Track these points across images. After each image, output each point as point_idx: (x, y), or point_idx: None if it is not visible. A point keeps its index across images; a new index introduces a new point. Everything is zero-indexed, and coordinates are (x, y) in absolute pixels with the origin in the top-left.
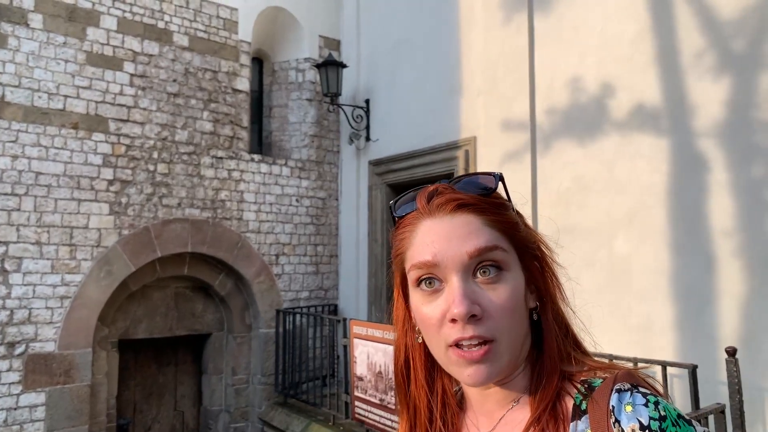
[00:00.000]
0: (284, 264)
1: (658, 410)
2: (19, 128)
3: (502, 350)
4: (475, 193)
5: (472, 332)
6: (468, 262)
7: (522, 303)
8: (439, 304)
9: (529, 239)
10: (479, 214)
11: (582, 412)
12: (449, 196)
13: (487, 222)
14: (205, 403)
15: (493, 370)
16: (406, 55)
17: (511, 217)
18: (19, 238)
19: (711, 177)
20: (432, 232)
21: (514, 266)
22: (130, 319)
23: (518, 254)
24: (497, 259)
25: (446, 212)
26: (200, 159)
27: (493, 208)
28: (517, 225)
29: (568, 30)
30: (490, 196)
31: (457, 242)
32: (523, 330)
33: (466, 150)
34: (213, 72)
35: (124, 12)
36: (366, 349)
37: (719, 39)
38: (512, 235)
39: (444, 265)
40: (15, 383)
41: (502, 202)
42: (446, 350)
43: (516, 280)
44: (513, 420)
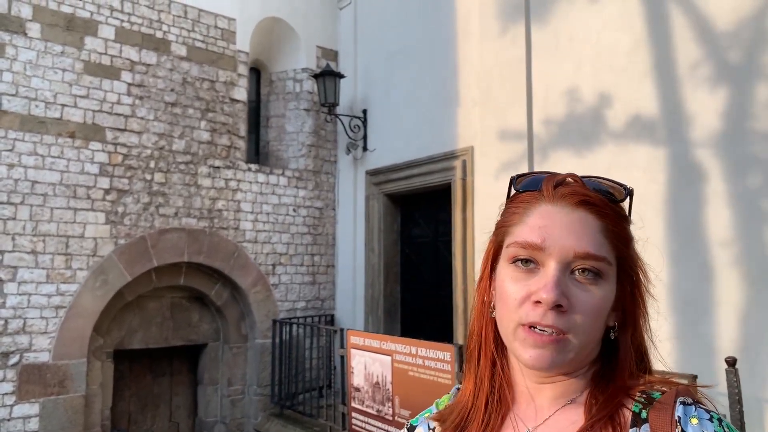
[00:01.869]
0: (281, 274)
1: (722, 426)
2: (15, 137)
3: (571, 347)
4: (602, 195)
5: (552, 321)
6: (572, 259)
7: (605, 313)
8: (529, 284)
9: (633, 261)
10: (600, 218)
11: (642, 421)
12: (577, 189)
13: (602, 229)
14: (201, 414)
15: (557, 360)
16: (403, 65)
17: (626, 231)
18: (14, 247)
19: (708, 187)
20: (548, 218)
21: (611, 279)
22: (125, 329)
23: (618, 269)
24: (599, 268)
25: (569, 204)
26: (197, 168)
27: (614, 216)
28: (629, 243)
29: (564, 41)
30: (616, 204)
31: (570, 236)
32: (596, 338)
33: (463, 160)
34: (211, 82)
35: (122, 21)
36: (363, 359)
37: (715, 50)
38: (621, 250)
39: (548, 252)
40: (8, 394)
41: (623, 214)
42: (516, 328)
43: (609, 291)
44: (565, 419)
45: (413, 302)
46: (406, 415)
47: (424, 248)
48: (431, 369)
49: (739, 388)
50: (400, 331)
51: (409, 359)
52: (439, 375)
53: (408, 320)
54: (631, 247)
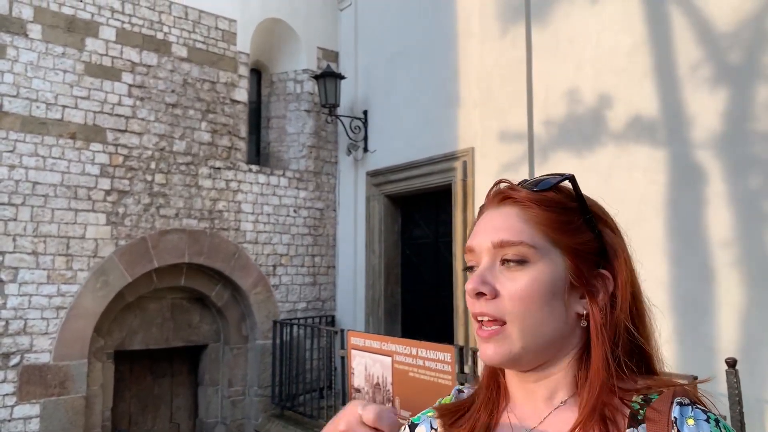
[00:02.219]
0: (281, 275)
1: (719, 427)
2: (16, 138)
3: (514, 335)
4: (530, 189)
5: (480, 308)
6: (493, 251)
7: (549, 297)
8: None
9: (583, 242)
10: (519, 208)
11: (639, 422)
12: (501, 190)
13: (524, 216)
14: (201, 415)
15: (501, 351)
16: (404, 66)
17: (557, 216)
18: (15, 248)
19: (708, 188)
20: (480, 223)
21: (545, 262)
22: (126, 330)
23: (565, 254)
24: (520, 254)
25: (495, 204)
26: (198, 169)
27: (538, 204)
28: (564, 224)
29: (564, 42)
30: (547, 194)
31: (490, 232)
32: (548, 324)
33: (464, 161)
34: (211, 83)
35: (123, 23)
36: (364, 360)
37: (715, 51)
38: (553, 234)
39: (478, 251)
40: (9, 395)
41: (555, 199)
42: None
43: (542, 275)
44: (560, 420)
45: (414, 303)
46: (406, 416)
47: (425, 249)
48: (431, 370)
49: (740, 388)
50: (400, 332)
51: (410, 360)
52: (440, 376)
53: (408, 321)
54: (568, 230)
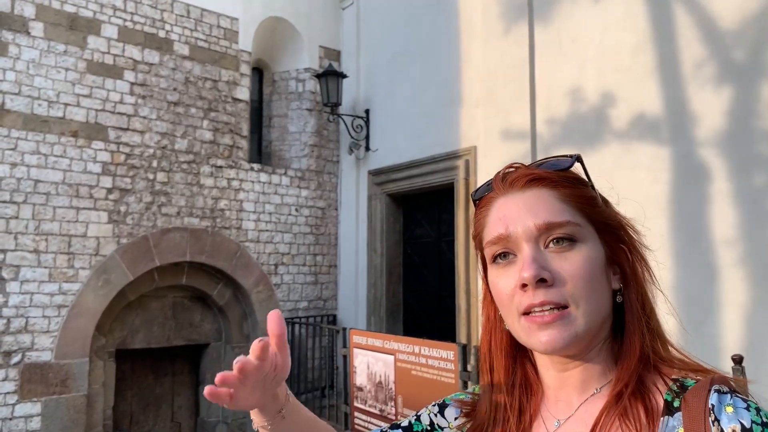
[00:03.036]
0: (283, 274)
1: (760, 416)
2: (18, 136)
3: (578, 317)
4: (548, 169)
5: (543, 297)
6: (536, 234)
7: (600, 275)
8: (512, 274)
9: (609, 217)
10: (552, 188)
11: (674, 409)
12: (522, 172)
13: (559, 196)
14: (203, 414)
15: (568, 335)
16: (406, 65)
17: (586, 191)
18: (17, 246)
19: (712, 186)
20: (505, 207)
21: (590, 240)
22: (127, 328)
23: (597, 230)
24: (568, 233)
25: (518, 187)
26: (200, 168)
27: (567, 182)
28: (593, 200)
29: (567, 41)
30: (565, 172)
31: (528, 214)
32: (603, 303)
33: (466, 160)
34: (213, 81)
35: (125, 21)
36: (366, 359)
37: (719, 49)
38: (588, 210)
39: (515, 237)
40: (10, 393)
41: (577, 177)
42: (519, 320)
43: (592, 251)
44: (594, 408)
45: (415, 303)
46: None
47: (427, 249)
48: (434, 368)
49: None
50: (402, 331)
51: (412, 358)
52: (443, 374)
53: (410, 321)
54: (597, 203)
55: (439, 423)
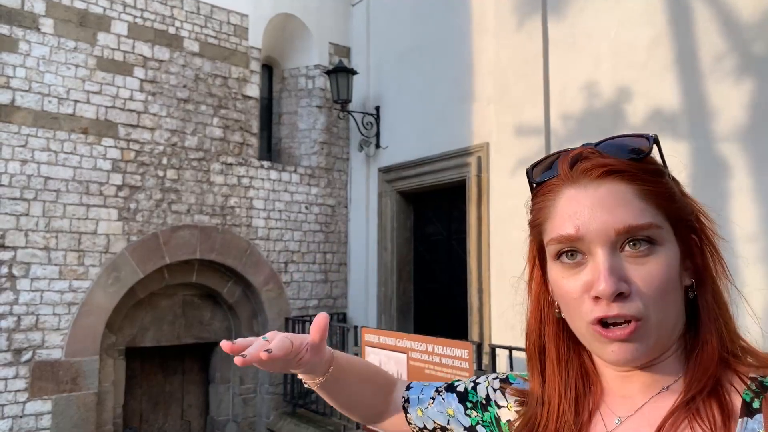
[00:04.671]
0: (293, 272)
1: None
2: (28, 133)
3: (650, 330)
4: (625, 158)
5: (618, 311)
6: (615, 238)
7: (676, 280)
8: (582, 277)
9: (685, 210)
10: (630, 183)
11: (754, 411)
12: (596, 161)
13: (638, 193)
14: (212, 412)
15: (640, 349)
16: (417, 61)
17: (666, 185)
18: (27, 243)
19: (733, 182)
20: (575, 202)
21: (668, 240)
22: (137, 326)
23: (672, 226)
24: (649, 236)
25: (592, 179)
26: (210, 165)
27: (647, 176)
28: (673, 195)
29: (582, 36)
30: (643, 161)
31: (605, 215)
32: (675, 309)
33: (478, 156)
34: (223, 78)
35: (135, 17)
36: (378, 357)
37: (739, 42)
38: (668, 207)
39: (589, 239)
40: (21, 390)
41: (657, 167)
42: (587, 327)
43: (670, 256)
44: (660, 407)
45: (426, 301)
46: None
47: (438, 246)
48: (448, 367)
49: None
50: (413, 329)
51: (426, 357)
52: (457, 373)
53: (421, 319)
54: (676, 198)
55: (497, 400)
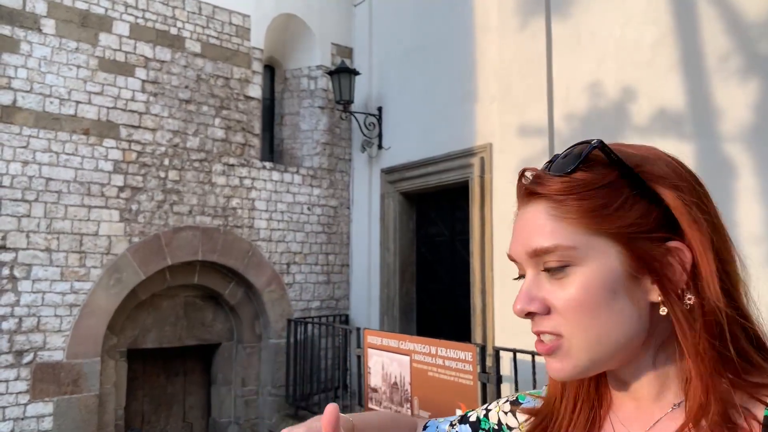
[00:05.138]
0: (295, 273)
1: None
2: (30, 134)
3: (575, 348)
4: (557, 174)
5: (536, 327)
6: (531, 260)
7: (605, 300)
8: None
9: (629, 223)
10: (547, 202)
11: None
12: (526, 183)
13: (554, 212)
14: (214, 414)
15: (566, 366)
16: (419, 62)
17: (591, 199)
18: (28, 244)
19: (738, 183)
20: (514, 227)
21: (593, 259)
22: (138, 328)
23: (616, 240)
24: (559, 258)
25: (523, 201)
26: (212, 166)
27: (569, 193)
28: (603, 207)
29: (586, 35)
30: (571, 176)
31: (522, 237)
32: (617, 328)
33: (481, 157)
34: (225, 79)
35: (137, 18)
36: (380, 359)
37: (745, 41)
38: (595, 223)
39: (519, 261)
40: (22, 393)
41: (586, 180)
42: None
43: (590, 278)
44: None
45: (429, 302)
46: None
47: (441, 247)
48: (452, 369)
49: None
50: (416, 331)
51: (429, 359)
52: (460, 376)
53: (424, 321)
54: (610, 213)
55: (508, 422)
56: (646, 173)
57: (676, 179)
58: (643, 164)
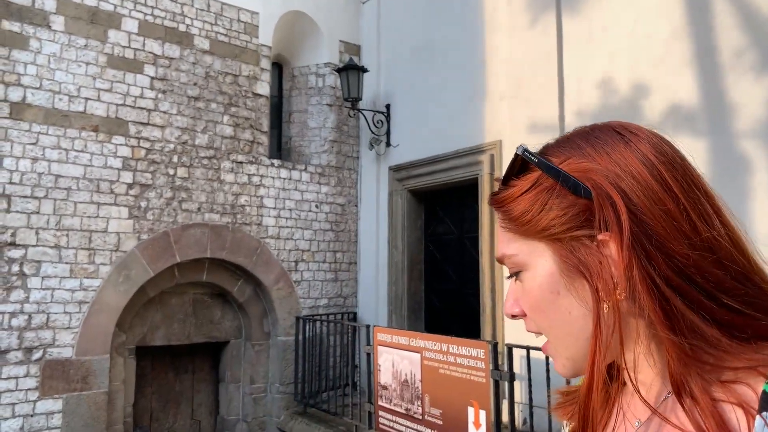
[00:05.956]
0: (303, 271)
1: None
2: (39, 130)
3: (554, 348)
4: (500, 186)
5: (527, 327)
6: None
7: (549, 300)
8: None
9: (549, 224)
10: (501, 212)
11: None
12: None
13: (503, 223)
14: (222, 412)
15: (558, 365)
16: (428, 59)
17: (523, 206)
18: (38, 241)
19: (753, 179)
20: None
21: (534, 262)
22: (147, 325)
23: (549, 242)
24: (512, 264)
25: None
26: (220, 163)
27: (507, 203)
28: (523, 214)
29: (598, 31)
30: (506, 189)
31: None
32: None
33: (491, 154)
34: (233, 76)
35: (146, 15)
36: (391, 356)
37: (761, 37)
38: (523, 229)
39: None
40: (32, 389)
41: (517, 190)
42: None
43: (532, 280)
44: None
45: (438, 300)
46: (437, 413)
47: (449, 245)
48: (463, 367)
49: None
50: (424, 329)
51: (440, 357)
52: (473, 373)
53: (432, 319)
54: (529, 219)
55: None
56: (573, 165)
57: (609, 165)
58: (573, 156)
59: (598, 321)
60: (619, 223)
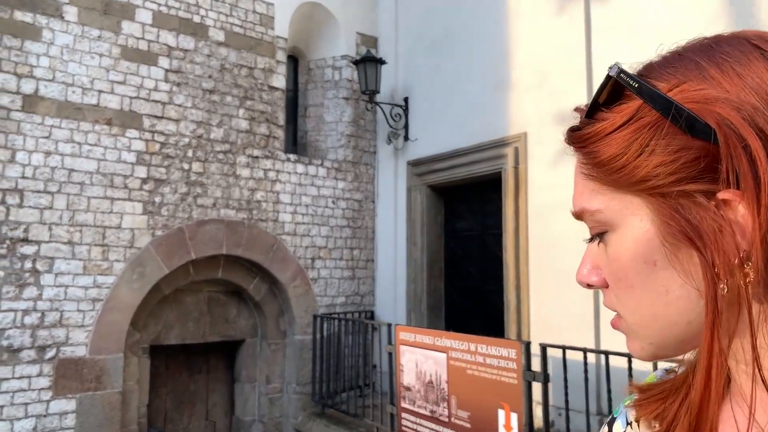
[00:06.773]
0: (320, 268)
1: None
2: (52, 123)
3: (632, 328)
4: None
5: (604, 300)
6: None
7: (641, 273)
8: None
9: (656, 173)
10: (583, 155)
11: None
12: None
13: (584, 168)
14: (238, 412)
15: (634, 348)
16: (447, 50)
17: (604, 151)
18: (51, 237)
19: None
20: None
21: (622, 222)
22: (161, 323)
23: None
24: (595, 224)
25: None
26: (236, 158)
27: (583, 145)
28: (614, 158)
29: (626, 19)
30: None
31: (574, 194)
32: (668, 307)
33: (515, 147)
34: (249, 68)
35: (160, 6)
36: (414, 356)
37: None
38: (613, 179)
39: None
40: (45, 389)
41: (594, 129)
42: None
43: (621, 245)
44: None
45: (459, 299)
46: (464, 416)
47: (470, 242)
48: (493, 367)
49: None
50: (444, 328)
51: (468, 357)
52: (503, 374)
53: (452, 317)
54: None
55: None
56: (689, 93)
57: (742, 93)
58: (688, 79)
59: (715, 307)
60: (756, 178)
